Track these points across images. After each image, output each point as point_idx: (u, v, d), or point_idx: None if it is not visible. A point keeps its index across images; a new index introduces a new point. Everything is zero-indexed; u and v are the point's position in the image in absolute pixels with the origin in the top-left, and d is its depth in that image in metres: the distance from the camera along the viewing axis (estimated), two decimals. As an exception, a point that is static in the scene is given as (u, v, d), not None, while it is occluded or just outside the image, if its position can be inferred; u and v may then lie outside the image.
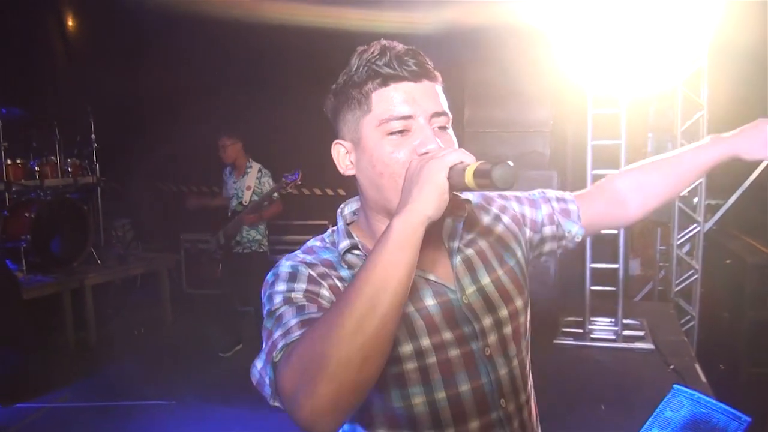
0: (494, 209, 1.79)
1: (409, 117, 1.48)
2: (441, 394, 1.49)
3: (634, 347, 5.77)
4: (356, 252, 1.57)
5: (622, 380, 5.15)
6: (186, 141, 8.60)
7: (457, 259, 1.61)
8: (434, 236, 1.58)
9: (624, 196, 1.92)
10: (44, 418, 5.49)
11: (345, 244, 1.58)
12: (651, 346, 5.72)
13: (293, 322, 1.36)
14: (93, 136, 8.19)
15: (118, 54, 9.45)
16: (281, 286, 1.49)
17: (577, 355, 5.73)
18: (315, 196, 9.72)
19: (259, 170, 6.84)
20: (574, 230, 1.87)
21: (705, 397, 3.16)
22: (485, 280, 1.62)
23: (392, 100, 1.48)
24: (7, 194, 7.21)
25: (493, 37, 6.47)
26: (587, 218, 1.89)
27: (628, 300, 6.24)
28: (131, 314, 8.10)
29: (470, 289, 1.58)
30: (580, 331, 6.05)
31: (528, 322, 1.71)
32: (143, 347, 7.20)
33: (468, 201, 1.67)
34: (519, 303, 1.66)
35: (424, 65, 1.53)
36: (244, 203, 6.74)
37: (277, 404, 1.39)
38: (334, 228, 1.68)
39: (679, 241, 7.20)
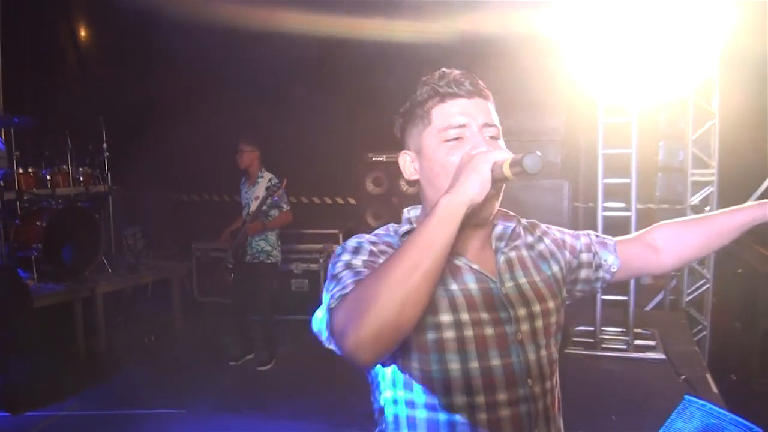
0: (538, 233, 2.01)
1: (463, 126, 1.73)
2: (474, 364, 1.68)
3: (645, 357, 5.75)
4: None
5: (633, 390, 5.13)
6: (197, 150, 8.63)
7: (501, 258, 1.83)
8: (485, 238, 1.84)
9: (660, 244, 2.09)
10: (54, 427, 5.48)
11: (405, 228, 1.86)
12: (662, 356, 5.70)
13: (350, 281, 1.60)
14: (104, 145, 8.21)
15: (130, 63, 9.50)
16: (346, 257, 1.71)
17: (588, 365, 5.71)
18: (326, 205, 9.73)
19: (269, 180, 6.82)
20: (610, 260, 2.05)
21: (716, 408, 3.13)
22: (522, 279, 1.83)
23: (449, 113, 1.75)
24: (18, 203, 7.22)
25: (505, 46, 6.48)
26: (623, 256, 2.07)
27: (638, 309, 6.22)
28: (142, 322, 8.10)
29: (509, 284, 1.79)
30: (591, 340, 6.03)
31: (559, 326, 1.91)
32: (154, 356, 7.20)
33: (518, 218, 1.97)
34: (551, 305, 1.86)
35: (477, 85, 1.79)
36: (252, 212, 6.74)
37: (331, 346, 1.60)
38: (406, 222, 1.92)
39: (691, 251, 7.17)
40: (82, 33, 10.64)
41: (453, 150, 1.71)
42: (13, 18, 9.54)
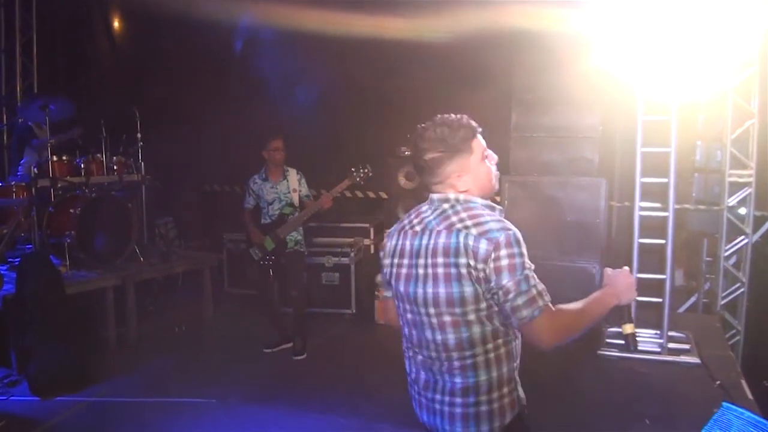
0: None
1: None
2: None
3: (679, 361, 5.66)
4: None
5: (668, 394, 5.06)
6: (229, 142, 8.64)
7: None
8: None
9: None
10: (82, 413, 5.51)
11: (500, 208, 2.66)
12: (697, 360, 5.61)
13: (540, 287, 2.40)
14: (138, 134, 8.25)
15: (164, 55, 9.53)
16: (524, 249, 2.43)
17: (622, 367, 5.64)
18: (357, 199, 9.71)
19: (297, 173, 6.88)
20: None
21: (755, 417, 3.07)
22: None
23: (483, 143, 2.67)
24: (52, 190, 7.29)
25: (541, 41, 6.40)
26: None
27: (671, 312, 6.12)
28: (172, 312, 8.14)
29: None
30: (624, 342, 5.95)
31: None
32: (183, 345, 7.22)
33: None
34: None
35: None
36: (295, 205, 6.75)
37: (525, 323, 2.38)
38: (489, 206, 2.64)
39: (727, 253, 7.06)
40: (116, 24, 10.70)
41: (490, 161, 2.69)
42: (48, 9, 9.61)
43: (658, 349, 5.84)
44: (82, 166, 7.57)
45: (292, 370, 6.54)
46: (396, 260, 2.68)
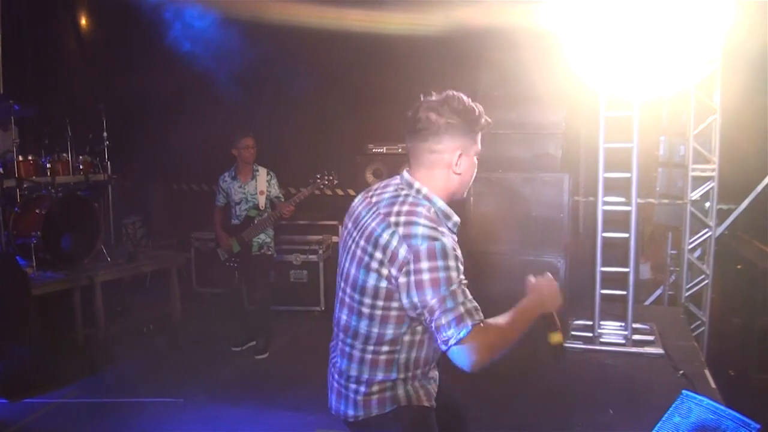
0: None
1: None
2: None
3: (643, 352, 5.73)
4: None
5: (631, 385, 5.12)
6: (197, 140, 8.61)
7: None
8: None
9: None
10: (52, 414, 5.49)
11: (456, 219, 2.59)
12: (660, 350, 5.69)
13: (470, 305, 2.27)
14: (105, 133, 8.19)
15: (131, 53, 9.47)
16: (451, 263, 2.30)
17: (587, 359, 5.70)
18: (326, 196, 9.70)
19: (268, 173, 6.84)
20: None
21: (714, 404, 3.14)
22: None
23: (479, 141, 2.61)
24: (18, 190, 7.21)
25: (507, 38, 6.46)
26: None
27: (637, 304, 6.20)
28: (140, 312, 8.11)
29: None
30: (590, 335, 6.02)
31: None
32: (152, 345, 7.20)
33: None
34: None
35: None
36: (260, 208, 6.73)
37: (449, 345, 2.23)
38: (445, 214, 2.56)
39: (691, 246, 7.16)
40: (83, 22, 10.62)
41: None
42: (14, 6, 9.52)
43: (623, 341, 5.91)
44: (48, 165, 7.52)
45: (260, 368, 6.55)
46: (349, 222, 2.74)
